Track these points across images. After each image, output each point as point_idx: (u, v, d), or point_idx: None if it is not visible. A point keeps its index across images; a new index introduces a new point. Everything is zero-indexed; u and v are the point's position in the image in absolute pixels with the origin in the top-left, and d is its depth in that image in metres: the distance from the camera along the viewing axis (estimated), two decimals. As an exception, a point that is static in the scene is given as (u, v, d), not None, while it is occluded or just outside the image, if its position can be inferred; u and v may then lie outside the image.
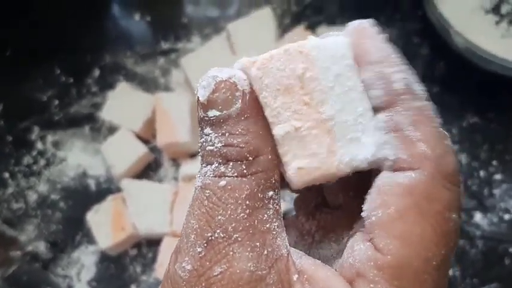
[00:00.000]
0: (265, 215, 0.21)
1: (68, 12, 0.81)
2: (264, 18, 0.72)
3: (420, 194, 0.19)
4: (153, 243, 0.66)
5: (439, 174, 0.20)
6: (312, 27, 0.74)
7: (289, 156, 0.22)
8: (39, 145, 0.74)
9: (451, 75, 0.73)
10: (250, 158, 0.21)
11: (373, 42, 0.21)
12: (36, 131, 0.74)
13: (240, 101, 0.21)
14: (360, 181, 0.23)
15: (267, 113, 0.21)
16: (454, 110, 0.71)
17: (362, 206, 0.21)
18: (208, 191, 0.21)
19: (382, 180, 0.21)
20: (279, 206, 0.22)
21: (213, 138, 0.21)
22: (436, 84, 0.72)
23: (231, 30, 0.71)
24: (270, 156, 0.21)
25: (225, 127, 0.21)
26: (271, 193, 0.21)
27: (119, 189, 0.69)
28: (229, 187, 0.20)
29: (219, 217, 0.20)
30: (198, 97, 0.21)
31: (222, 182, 0.21)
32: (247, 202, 0.20)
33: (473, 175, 0.67)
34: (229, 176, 0.21)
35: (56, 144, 0.74)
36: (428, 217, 0.19)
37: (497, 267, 0.63)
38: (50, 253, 0.68)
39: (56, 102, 0.76)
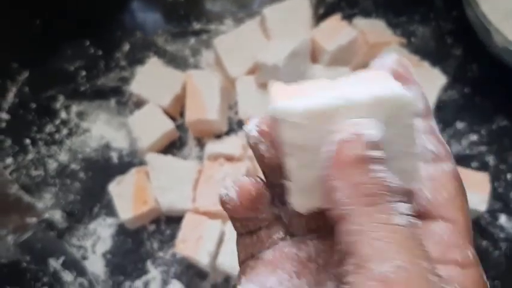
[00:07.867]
0: None
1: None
2: (300, 5, 0.72)
3: (458, 177, 0.25)
4: (172, 220, 0.65)
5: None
6: (347, 18, 0.74)
7: None
8: (63, 114, 0.73)
9: (483, 77, 0.72)
10: None
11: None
12: (61, 100, 0.74)
13: None
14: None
15: None
16: (484, 112, 0.71)
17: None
18: (418, 232, 0.20)
19: (428, 169, 0.25)
20: None
21: (389, 176, 0.20)
22: (468, 85, 0.72)
23: (267, 15, 0.71)
24: None
25: (385, 166, 0.21)
26: None
27: (141, 164, 0.68)
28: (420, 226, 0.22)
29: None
30: (365, 135, 0.20)
31: (419, 222, 0.22)
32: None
33: (500, 177, 0.67)
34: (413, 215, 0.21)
35: (80, 115, 0.73)
36: (464, 194, 0.25)
37: (520, 271, 0.63)
38: (66, 222, 0.67)
39: (83, 73, 0.75)
